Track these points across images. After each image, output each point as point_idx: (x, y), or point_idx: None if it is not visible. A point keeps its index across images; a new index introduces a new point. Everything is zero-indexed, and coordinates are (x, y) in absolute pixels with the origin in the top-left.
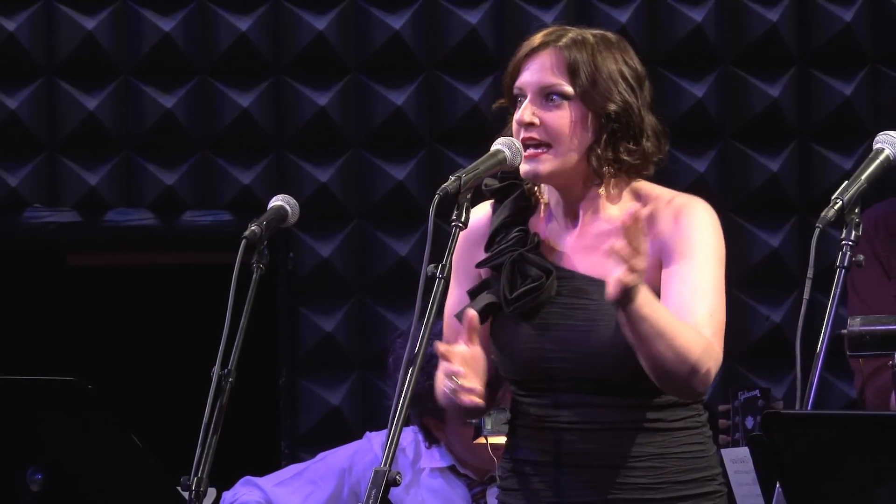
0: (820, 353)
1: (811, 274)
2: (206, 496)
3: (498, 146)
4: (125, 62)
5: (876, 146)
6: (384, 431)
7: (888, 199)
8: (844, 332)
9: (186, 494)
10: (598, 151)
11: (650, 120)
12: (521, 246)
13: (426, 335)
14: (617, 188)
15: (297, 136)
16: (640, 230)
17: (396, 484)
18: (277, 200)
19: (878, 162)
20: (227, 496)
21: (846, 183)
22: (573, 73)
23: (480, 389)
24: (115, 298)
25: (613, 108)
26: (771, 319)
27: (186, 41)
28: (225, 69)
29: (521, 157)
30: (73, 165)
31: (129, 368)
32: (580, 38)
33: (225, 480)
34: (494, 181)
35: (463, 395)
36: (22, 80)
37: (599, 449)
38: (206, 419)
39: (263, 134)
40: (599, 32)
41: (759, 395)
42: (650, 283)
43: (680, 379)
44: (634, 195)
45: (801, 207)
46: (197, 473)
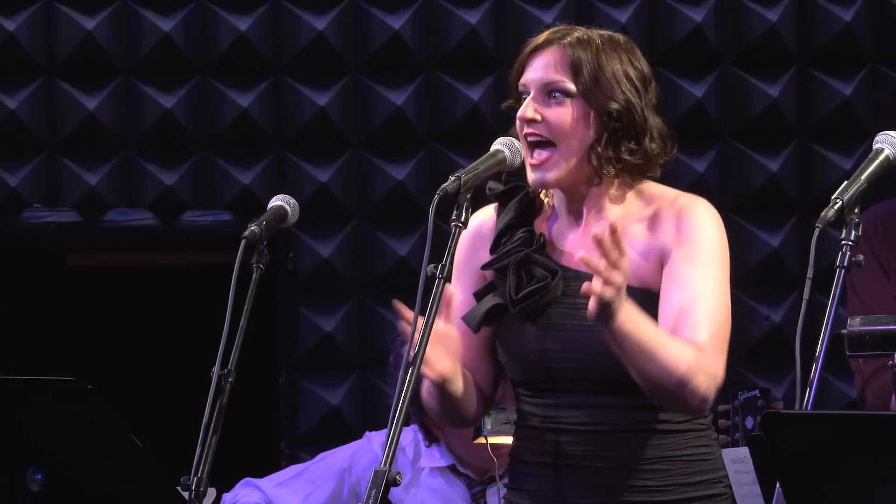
0: (820, 353)
1: (811, 274)
2: (206, 496)
3: (498, 146)
4: (125, 62)
5: (876, 146)
6: (384, 431)
7: (887, 199)
8: (844, 332)
9: (186, 494)
10: (598, 150)
11: (655, 121)
12: (526, 246)
13: (426, 335)
14: (621, 189)
15: (297, 136)
16: (617, 243)
17: (396, 484)
18: (277, 200)
19: (877, 162)
20: (227, 498)
21: (846, 183)
22: (576, 70)
23: (448, 366)
24: (115, 298)
25: (615, 106)
26: (771, 319)
27: (186, 41)
28: (225, 69)
29: (521, 156)
30: (73, 165)
31: (128, 368)
32: (586, 37)
33: (225, 480)
34: (499, 185)
35: (430, 372)
36: (22, 80)
37: (604, 451)
38: (206, 419)
39: (263, 134)
40: (607, 33)
41: (759, 395)
42: (650, 283)
43: (667, 393)
44: (638, 195)
45: (801, 207)
46: (197, 473)
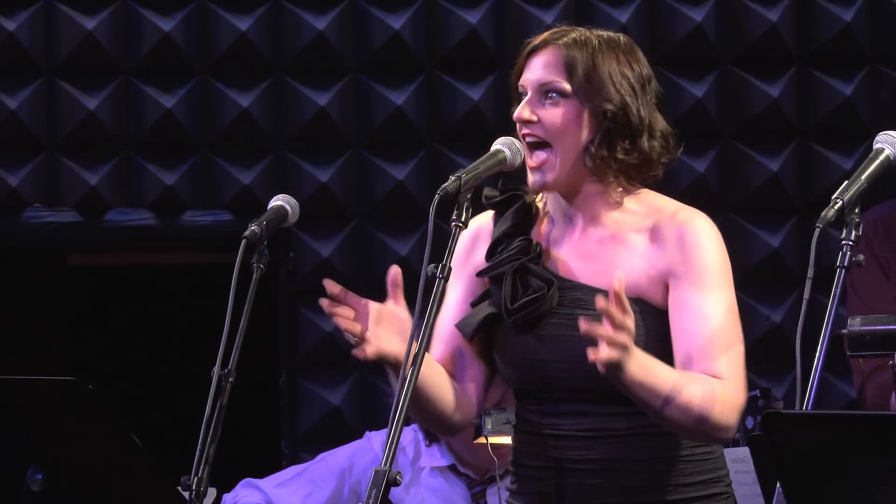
0: (820, 353)
1: (811, 274)
2: (206, 496)
3: (498, 146)
4: (125, 62)
5: (876, 146)
6: (384, 431)
7: (887, 201)
8: (844, 332)
9: (186, 494)
10: (592, 150)
11: (657, 121)
12: (523, 255)
13: (426, 335)
14: (619, 194)
15: (297, 136)
16: (621, 305)
17: (397, 484)
18: (277, 200)
19: (878, 162)
20: (227, 498)
21: (846, 183)
22: (570, 70)
23: (395, 346)
24: (115, 298)
25: (610, 106)
26: (771, 319)
27: (186, 41)
28: (225, 69)
29: (521, 157)
30: (73, 165)
31: (128, 368)
32: (583, 37)
33: (225, 480)
34: (495, 192)
35: (359, 350)
36: (22, 80)
37: (603, 456)
38: (206, 419)
39: (263, 134)
40: (607, 33)
41: (759, 395)
42: (648, 296)
43: (689, 431)
44: (636, 203)
45: (801, 207)
46: (197, 473)
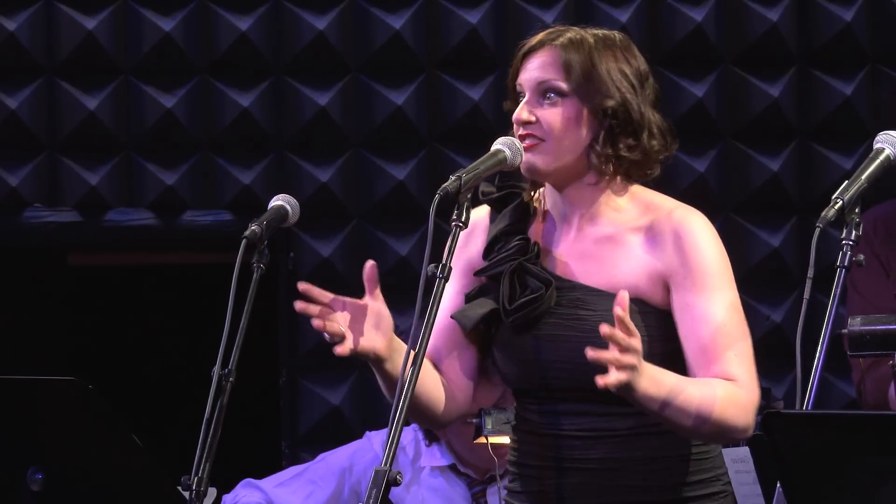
0: (820, 353)
1: (811, 274)
2: (206, 496)
3: (498, 146)
4: (125, 62)
5: (876, 146)
6: (384, 430)
7: (888, 200)
8: (845, 331)
9: (186, 494)
10: (597, 148)
11: (654, 118)
12: (521, 255)
13: (426, 335)
14: (616, 193)
15: (297, 136)
16: (626, 327)
17: (397, 484)
18: (278, 200)
19: (878, 162)
20: (227, 498)
21: (846, 182)
22: (568, 69)
23: (380, 343)
24: (115, 298)
25: (611, 103)
26: (771, 319)
27: (186, 41)
28: (225, 69)
29: (521, 156)
30: (73, 165)
31: (129, 368)
32: (578, 37)
33: (225, 480)
34: (492, 188)
35: (339, 347)
36: (22, 80)
37: (602, 455)
38: (206, 419)
39: (263, 134)
40: (602, 32)
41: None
42: (646, 296)
43: (706, 436)
44: (632, 201)
45: (801, 207)
46: (197, 473)
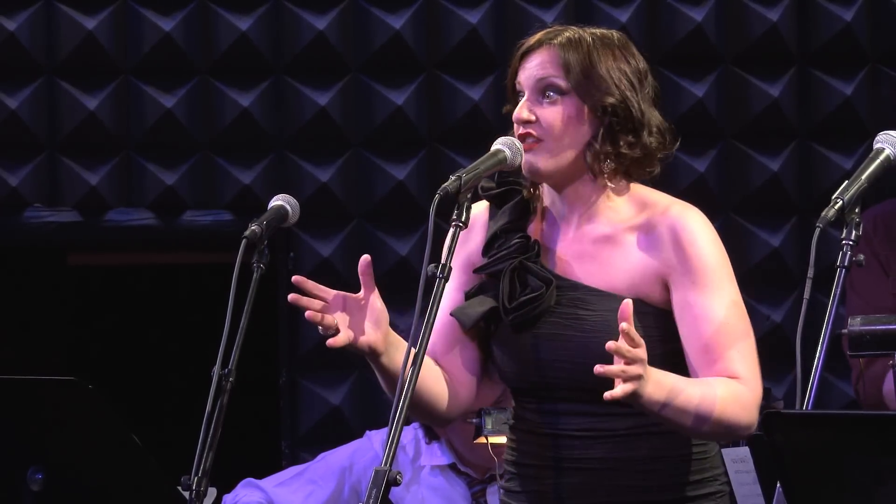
0: (820, 353)
1: (811, 274)
2: (206, 496)
3: (498, 146)
4: (125, 62)
5: (876, 146)
6: (384, 430)
7: (888, 199)
8: (844, 331)
9: (186, 494)
10: (596, 147)
11: (653, 116)
12: (521, 253)
13: (426, 335)
14: (615, 192)
15: (297, 136)
16: (630, 339)
17: (397, 483)
18: (278, 200)
19: (878, 161)
20: (227, 498)
21: (846, 182)
22: (567, 68)
23: (376, 337)
24: (115, 298)
25: (611, 101)
26: (771, 319)
27: (186, 41)
28: (225, 69)
29: (521, 156)
30: (73, 165)
31: (128, 368)
32: (577, 36)
33: (225, 480)
34: (492, 184)
35: (332, 339)
36: (22, 80)
37: (600, 454)
38: (206, 419)
39: (263, 134)
40: (600, 31)
41: None
42: (645, 294)
43: (710, 435)
44: (630, 200)
45: (801, 207)
46: (197, 473)
